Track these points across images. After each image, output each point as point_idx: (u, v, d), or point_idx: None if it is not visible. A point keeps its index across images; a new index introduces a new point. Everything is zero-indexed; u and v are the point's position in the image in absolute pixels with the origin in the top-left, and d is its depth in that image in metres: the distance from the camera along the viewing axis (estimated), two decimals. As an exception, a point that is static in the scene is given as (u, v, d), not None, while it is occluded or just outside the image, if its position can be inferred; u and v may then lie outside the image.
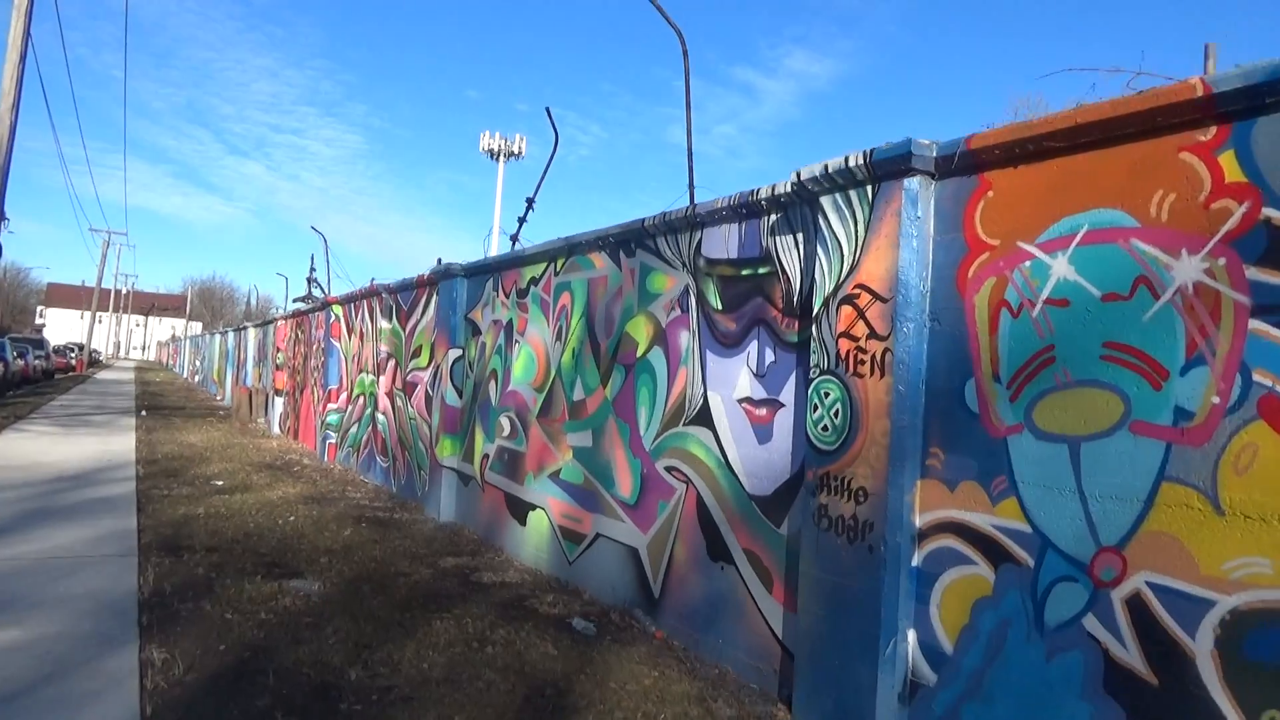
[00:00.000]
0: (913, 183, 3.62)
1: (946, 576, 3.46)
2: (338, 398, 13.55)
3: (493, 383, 7.86)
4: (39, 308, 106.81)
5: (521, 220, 8.07)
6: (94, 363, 59.60)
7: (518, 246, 8.15)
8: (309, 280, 16.98)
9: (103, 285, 62.95)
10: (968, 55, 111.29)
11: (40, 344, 39.61)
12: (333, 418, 13.51)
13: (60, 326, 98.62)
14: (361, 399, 12.17)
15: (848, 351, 3.81)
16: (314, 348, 15.45)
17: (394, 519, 8.44)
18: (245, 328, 24.21)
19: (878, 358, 3.66)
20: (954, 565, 3.44)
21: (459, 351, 8.65)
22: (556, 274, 6.80)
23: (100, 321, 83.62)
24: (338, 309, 13.68)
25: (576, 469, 6.27)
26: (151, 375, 46.20)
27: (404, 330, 10.51)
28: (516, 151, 48.98)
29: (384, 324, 11.25)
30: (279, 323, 18.88)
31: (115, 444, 13.40)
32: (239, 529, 7.38)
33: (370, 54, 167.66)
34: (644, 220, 5.54)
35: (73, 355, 51.52)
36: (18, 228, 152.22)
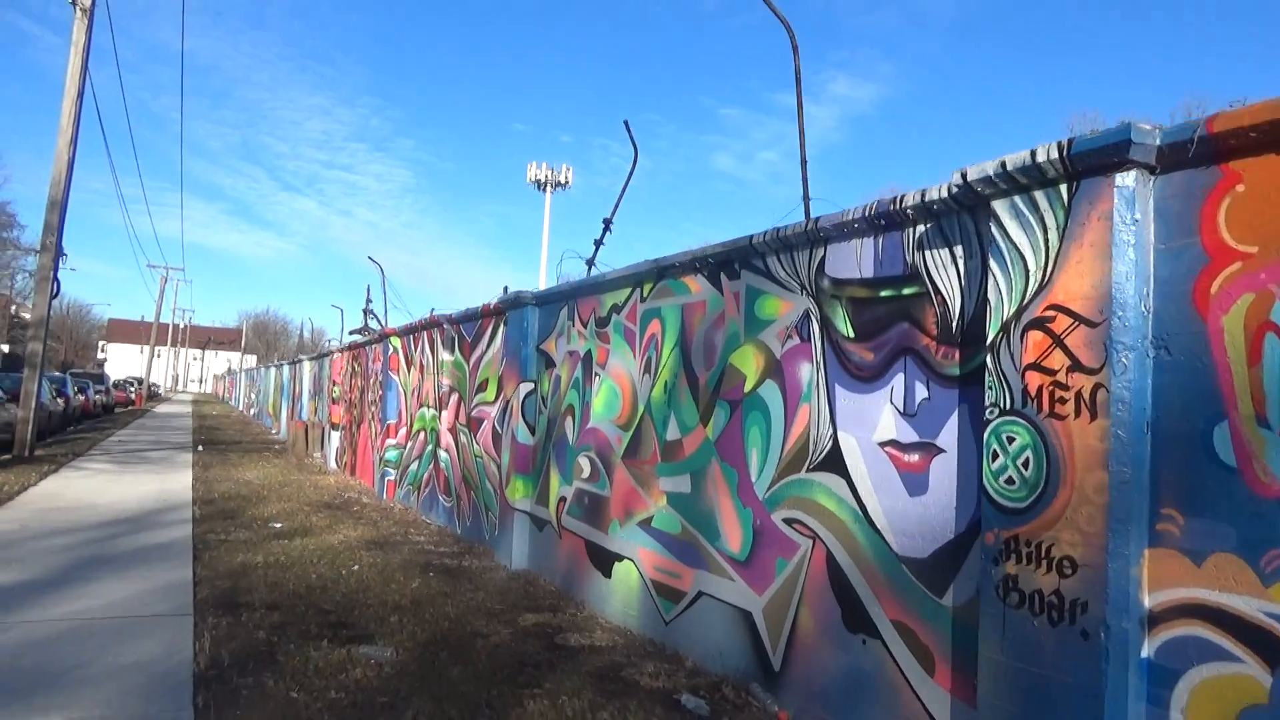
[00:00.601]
0: (1127, 178, 2.93)
1: (1194, 674, 2.73)
2: (396, 433, 13.08)
3: (569, 419, 7.25)
4: (100, 343, 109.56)
5: (598, 243, 7.51)
6: (153, 396, 60.58)
7: (594, 271, 7.59)
8: (365, 312, 16.63)
9: (161, 320, 64.10)
10: (1011, 75, 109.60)
11: (100, 379, 40.22)
12: (391, 454, 13.03)
13: (121, 361, 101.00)
14: (422, 435, 11.66)
15: (1040, 387, 3.11)
16: (371, 381, 15.04)
17: (463, 567, 7.84)
18: (300, 361, 24.04)
19: (1085, 395, 2.96)
20: (1205, 660, 2.70)
21: (530, 385, 8.06)
22: (643, 300, 6.19)
23: (159, 356, 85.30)
24: (396, 341, 13.24)
25: (672, 517, 5.61)
26: (208, 409, 46.63)
27: (468, 363, 9.98)
28: (563, 181, 48.97)
29: (446, 356, 10.74)
30: (335, 355, 18.58)
31: (172, 482, 13.06)
32: (301, 580, 6.82)
33: (417, 90, 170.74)
34: (751, 238, 4.90)
35: (132, 389, 52.38)
36: (80, 266, 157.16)
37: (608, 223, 7.43)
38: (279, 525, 9.57)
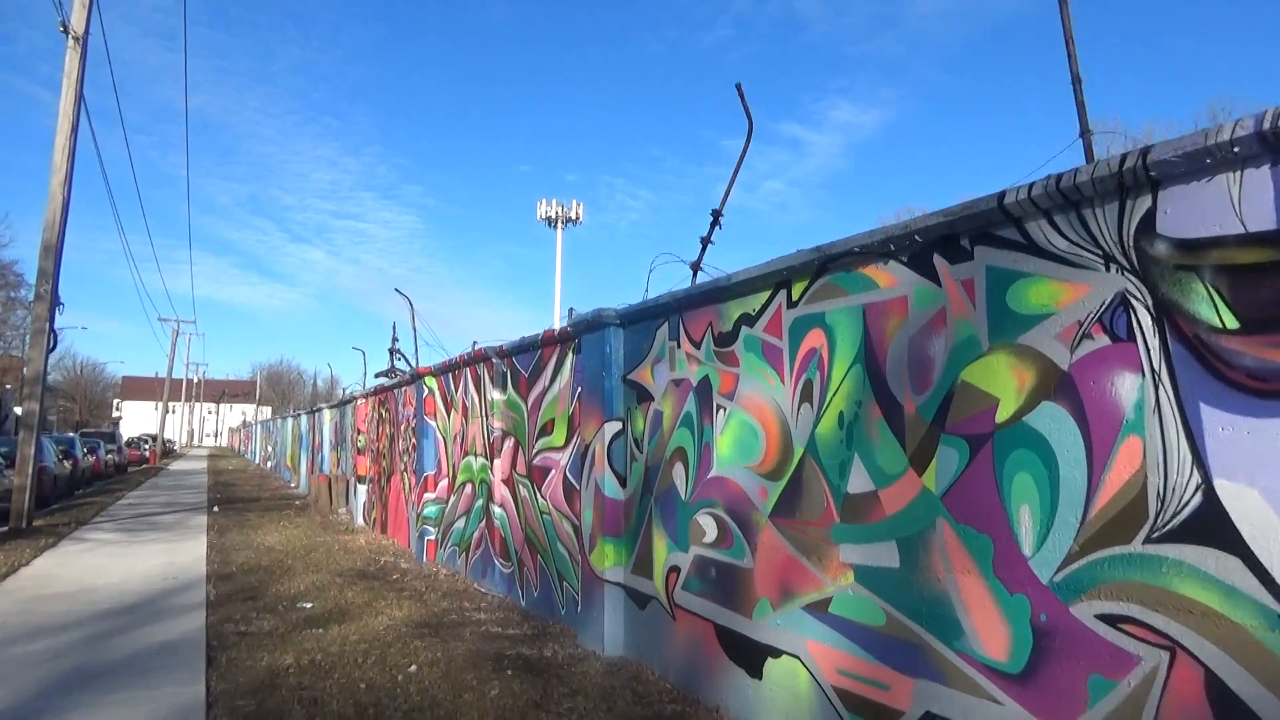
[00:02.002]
0: None
1: None
2: (435, 486, 11.50)
3: (679, 466, 5.67)
4: (115, 401, 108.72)
5: (706, 241, 5.97)
6: (168, 453, 59.27)
7: (700, 278, 6.06)
8: (392, 352, 15.12)
9: (173, 375, 62.95)
10: (1013, 95, 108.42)
11: (112, 438, 38.88)
12: (430, 510, 11.45)
13: (135, 418, 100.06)
14: (469, 488, 10.08)
15: None
16: (402, 428, 13.50)
17: (545, 659, 6.22)
18: (320, 409, 22.54)
19: None
20: None
21: (618, 425, 6.49)
22: (792, 305, 4.63)
23: (173, 411, 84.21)
24: (431, 381, 11.72)
25: (867, 602, 4.00)
26: (224, 463, 45.21)
27: (525, 402, 8.42)
28: (574, 218, 47.92)
29: (496, 395, 9.19)
30: (359, 401, 17.06)
31: (183, 553, 11.49)
32: (347, 695, 5.23)
33: (422, 136, 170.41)
34: (1001, 195, 3.34)
35: (146, 447, 51.08)
36: (92, 325, 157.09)
37: (717, 215, 5.91)
38: (309, 606, 7.98)
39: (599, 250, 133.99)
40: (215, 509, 17.97)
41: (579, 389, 7.13)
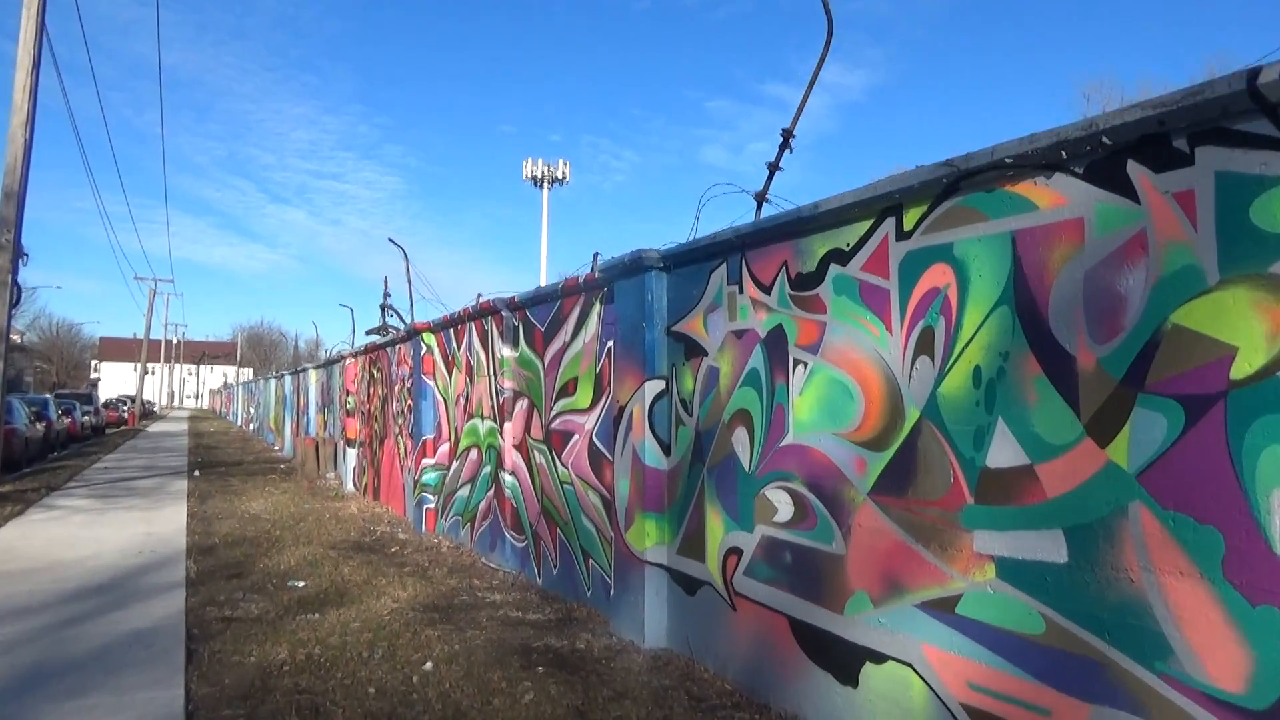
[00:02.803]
0: None
1: None
2: (435, 451, 10.65)
3: (741, 431, 4.84)
4: (93, 362, 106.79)
5: (774, 167, 5.06)
6: (147, 414, 58.03)
7: (766, 211, 5.16)
8: (383, 308, 14.15)
9: (152, 336, 61.52)
10: (1000, 55, 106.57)
11: (89, 399, 37.72)
12: (429, 476, 10.61)
13: (114, 380, 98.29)
14: (474, 453, 9.23)
15: None
16: (396, 389, 12.61)
17: (578, 651, 5.42)
18: (305, 369, 21.56)
19: None
20: None
21: (660, 384, 5.65)
22: (905, 236, 3.78)
23: (152, 373, 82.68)
24: (430, 338, 10.80)
25: (1016, 604, 3.20)
26: (205, 425, 44.17)
27: (541, 359, 7.56)
28: (561, 177, 46.79)
29: (506, 352, 8.32)
30: (348, 361, 16.12)
31: (161, 522, 10.61)
32: (354, 702, 4.40)
33: (403, 95, 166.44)
34: (1253, 72, 2.48)
35: (125, 408, 49.86)
36: (67, 284, 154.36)
37: (788, 135, 4.99)
38: (302, 585, 7.15)
39: (585, 212, 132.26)
40: (196, 473, 17.07)
41: (609, 343, 6.27)
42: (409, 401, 11.75)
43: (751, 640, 4.70)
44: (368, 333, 13.93)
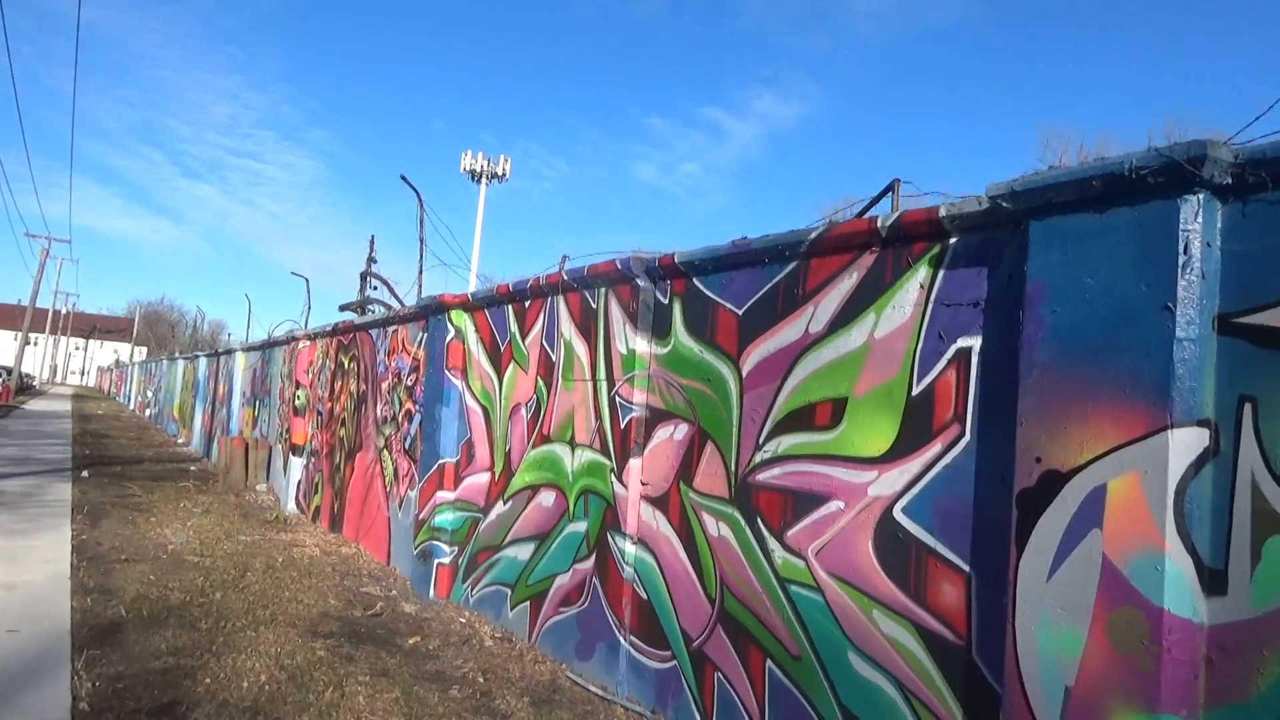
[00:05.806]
0: None
1: None
2: (457, 482, 7.36)
3: None
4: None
5: None
6: (25, 389, 51.73)
7: None
8: (364, 276, 10.70)
9: (39, 303, 55.14)
10: (936, 103, 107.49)
11: (-46, 366, 32.41)
12: (446, 518, 7.30)
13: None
14: (547, 495, 6.01)
15: None
16: (385, 386, 9.21)
17: None
18: (232, 351, 17.67)
19: None
20: None
21: (1202, 435, 2.61)
22: None
23: (35, 344, 75.15)
24: (463, 317, 7.51)
25: None
26: (92, 406, 38.96)
27: (736, 361, 4.44)
28: (501, 174, 43.59)
29: (641, 345, 5.16)
30: (301, 344, 12.53)
31: (31, 563, 7.00)
32: None
33: (333, 81, 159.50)
34: None
35: (-2, 380, 43.94)
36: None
37: None
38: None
39: (516, 216, 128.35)
40: (84, 473, 13.16)
41: (971, 342, 3.23)
42: (408, 405, 8.41)
43: None
44: (342, 308, 10.44)
